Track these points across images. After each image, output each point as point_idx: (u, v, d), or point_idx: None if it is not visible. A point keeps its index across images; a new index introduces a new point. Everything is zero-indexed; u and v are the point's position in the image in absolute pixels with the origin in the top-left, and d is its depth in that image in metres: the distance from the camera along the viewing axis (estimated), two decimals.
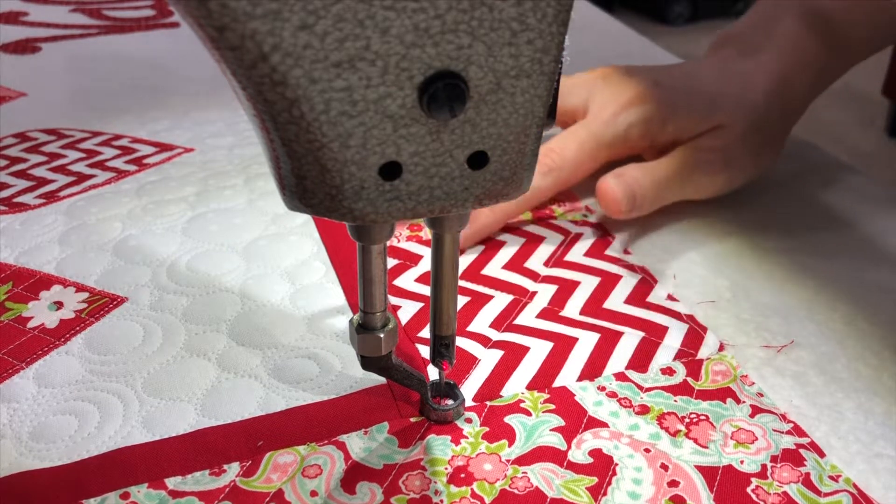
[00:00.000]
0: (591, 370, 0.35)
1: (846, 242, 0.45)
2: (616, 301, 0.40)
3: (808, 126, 0.57)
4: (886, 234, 0.46)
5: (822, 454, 0.31)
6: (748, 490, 0.30)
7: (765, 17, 0.49)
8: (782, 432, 0.32)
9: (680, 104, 0.45)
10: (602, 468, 0.30)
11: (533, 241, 0.45)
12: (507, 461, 0.31)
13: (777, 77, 0.46)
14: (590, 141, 0.44)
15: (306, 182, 0.23)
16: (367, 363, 0.30)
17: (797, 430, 0.32)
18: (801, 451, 0.31)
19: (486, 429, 0.32)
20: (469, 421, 0.33)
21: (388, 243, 0.33)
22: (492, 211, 0.43)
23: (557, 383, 0.35)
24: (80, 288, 0.40)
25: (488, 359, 0.36)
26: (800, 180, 0.52)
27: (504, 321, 0.38)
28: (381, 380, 0.34)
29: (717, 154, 0.45)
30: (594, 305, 0.40)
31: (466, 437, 0.32)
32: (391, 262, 0.43)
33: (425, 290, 0.40)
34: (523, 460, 0.31)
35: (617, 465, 0.31)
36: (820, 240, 0.46)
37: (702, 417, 0.33)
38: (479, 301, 0.40)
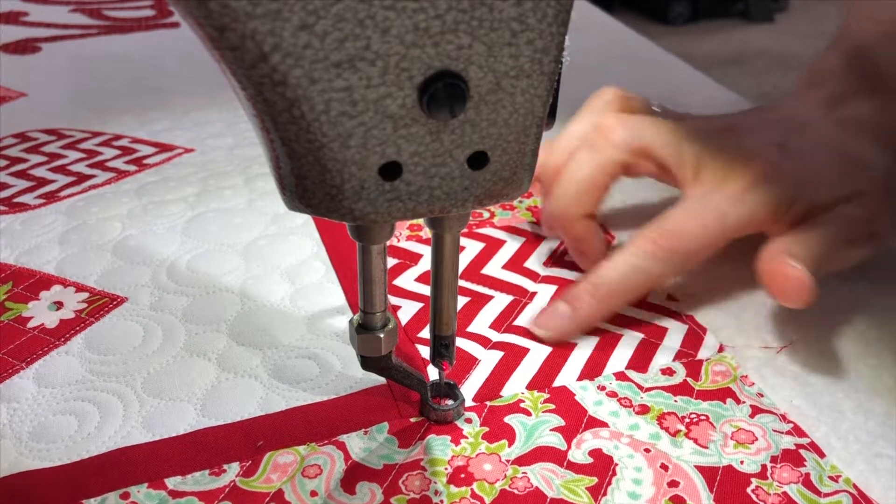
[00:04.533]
0: (591, 370, 0.35)
1: None
2: None
3: None
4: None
5: (822, 454, 0.31)
6: (748, 490, 0.30)
7: (859, 50, 0.44)
8: (782, 432, 0.32)
9: (812, 177, 0.38)
10: (602, 468, 0.30)
11: (533, 241, 0.45)
12: (507, 461, 0.31)
13: None
14: (715, 223, 0.37)
15: (306, 182, 0.23)
16: (367, 363, 0.30)
17: (797, 431, 0.32)
18: (801, 451, 0.31)
19: (486, 429, 0.32)
20: (469, 421, 0.33)
21: (388, 243, 0.33)
22: (595, 300, 0.36)
23: (557, 383, 0.35)
24: (80, 288, 0.40)
25: (488, 359, 0.36)
26: None
27: (504, 322, 0.38)
28: (381, 380, 0.34)
29: (864, 225, 0.38)
30: None
31: (466, 437, 0.32)
32: (391, 262, 0.43)
33: (425, 289, 0.40)
34: (523, 460, 0.31)
35: (617, 465, 0.31)
36: None
37: (702, 417, 0.33)
38: (479, 301, 0.40)
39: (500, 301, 0.40)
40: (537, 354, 0.36)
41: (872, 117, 0.42)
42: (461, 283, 0.41)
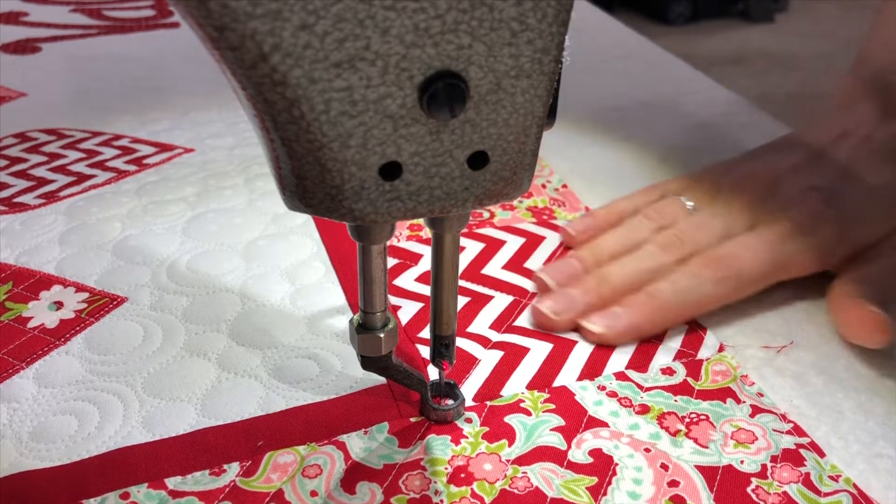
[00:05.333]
0: (591, 370, 0.35)
1: None
2: None
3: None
4: None
5: (822, 454, 0.31)
6: (748, 490, 0.30)
7: (876, 77, 0.45)
8: (782, 432, 0.32)
9: (854, 221, 0.40)
10: (602, 468, 0.30)
11: (533, 241, 0.45)
12: (507, 461, 0.31)
13: None
14: (766, 255, 0.39)
15: (306, 182, 0.23)
16: (367, 363, 0.30)
17: (797, 430, 0.33)
18: (801, 450, 0.31)
19: (486, 429, 0.32)
20: (469, 421, 0.33)
21: (388, 243, 0.33)
22: (649, 308, 0.37)
23: (557, 383, 0.35)
24: (80, 288, 0.40)
25: (488, 359, 0.36)
26: None
27: (504, 322, 0.38)
28: (381, 380, 0.34)
29: None
30: None
31: (466, 437, 0.32)
32: (391, 262, 0.43)
33: (425, 290, 0.40)
34: (523, 460, 0.31)
35: (617, 464, 0.31)
36: None
37: (702, 417, 0.33)
38: (480, 301, 0.40)
39: (501, 301, 0.40)
40: (537, 354, 0.36)
41: (889, 142, 0.43)
42: (461, 283, 0.41)
